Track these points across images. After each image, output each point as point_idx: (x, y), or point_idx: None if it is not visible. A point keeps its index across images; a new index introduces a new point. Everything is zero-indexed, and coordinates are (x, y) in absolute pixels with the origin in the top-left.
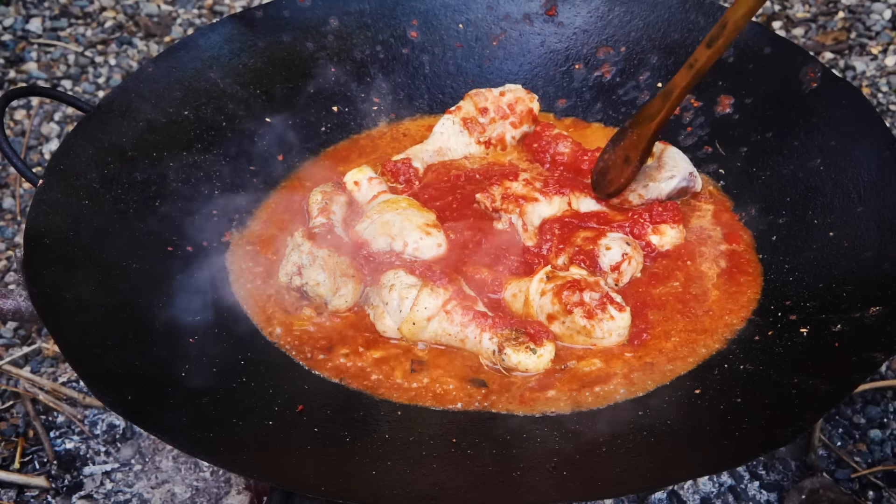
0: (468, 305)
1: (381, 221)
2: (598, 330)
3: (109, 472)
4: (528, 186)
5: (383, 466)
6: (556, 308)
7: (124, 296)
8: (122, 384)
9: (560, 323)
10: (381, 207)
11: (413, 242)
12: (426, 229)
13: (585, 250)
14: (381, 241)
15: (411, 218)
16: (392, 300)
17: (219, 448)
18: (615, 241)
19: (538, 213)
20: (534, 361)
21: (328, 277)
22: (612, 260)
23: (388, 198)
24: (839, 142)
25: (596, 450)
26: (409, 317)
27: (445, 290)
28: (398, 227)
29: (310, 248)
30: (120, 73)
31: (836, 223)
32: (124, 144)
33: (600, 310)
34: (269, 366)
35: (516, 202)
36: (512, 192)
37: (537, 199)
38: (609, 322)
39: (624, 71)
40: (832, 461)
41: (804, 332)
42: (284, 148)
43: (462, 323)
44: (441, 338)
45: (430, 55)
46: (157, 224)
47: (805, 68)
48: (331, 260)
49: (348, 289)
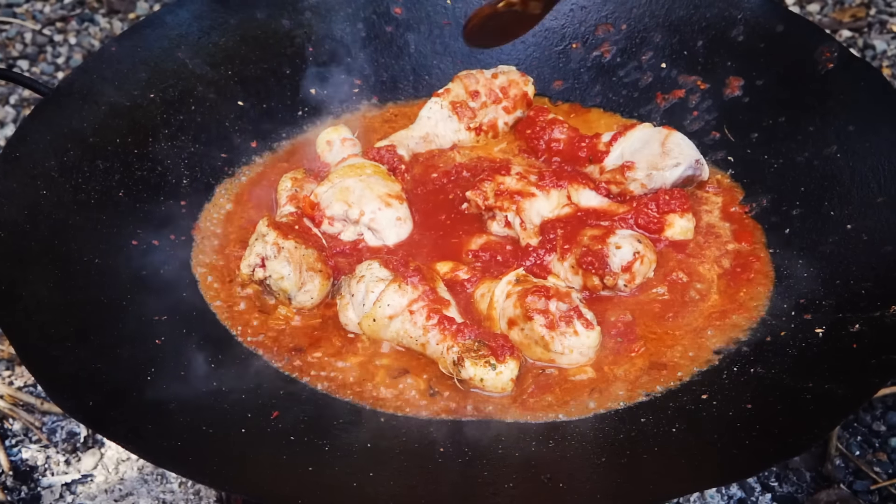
0: (435, 308)
1: (342, 186)
2: (556, 343)
3: (70, 483)
4: (523, 181)
5: (365, 477)
6: (516, 312)
7: (85, 293)
8: (83, 389)
9: (519, 329)
10: (344, 171)
11: (370, 212)
12: (387, 199)
13: (594, 250)
14: (337, 208)
15: (373, 186)
16: (358, 292)
17: (187, 458)
18: (626, 239)
19: (536, 208)
20: (491, 378)
21: (293, 271)
22: (624, 260)
23: (355, 162)
24: (857, 127)
25: (595, 460)
26: (370, 312)
27: (415, 288)
28: (357, 194)
29: (275, 239)
30: (81, 53)
31: (855, 215)
32: (85, 130)
33: (564, 322)
34: (242, 369)
35: (511, 199)
36: (506, 188)
37: (534, 193)
38: (571, 338)
39: (625, 50)
40: (850, 472)
41: (819, 333)
42: (258, 134)
43: (424, 326)
44: (403, 339)
45: (415, 33)
46: (121, 216)
47: (821, 47)
48: (297, 252)
49: (314, 284)
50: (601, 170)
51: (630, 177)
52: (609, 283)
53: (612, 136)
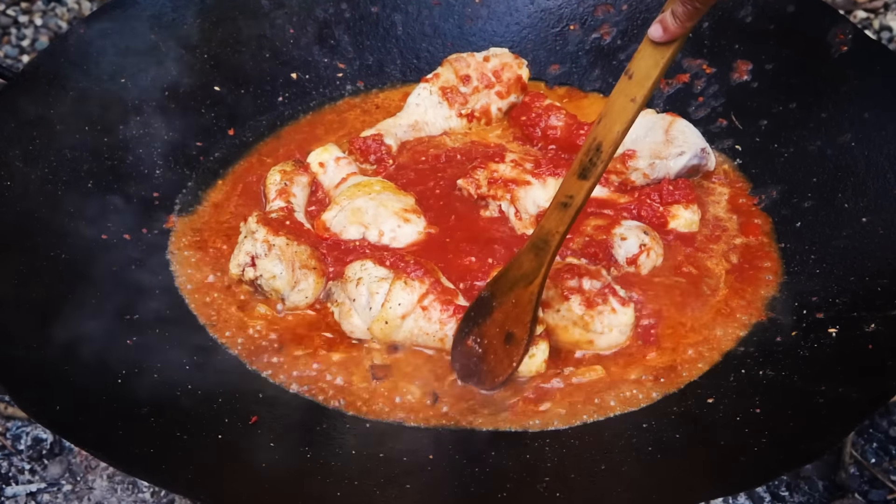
0: (448, 300)
1: (353, 208)
2: (597, 322)
3: (35, 492)
4: (518, 168)
5: (349, 487)
6: (550, 293)
7: (51, 291)
8: (49, 392)
9: (554, 311)
10: (352, 192)
11: (390, 231)
12: (404, 215)
13: (597, 241)
14: (353, 231)
15: (387, 203)
16: (360, 296)
17: (160, 465)
18: (631, 230)
19: (532, 197)
20: (525, 363)
21: (286, 269)
22: (629, 252)
23: (359, 180)
24: (873, 114)
25: (594, 467)
26: (381, 315)
27: (421, 282)
28: (372, 213)
29: (265, 236)
30: (47, 35)
31: (870, 207)
32: (52, 117)
33: (601, 300)
34: (219, 371)
35: (506, 187)
36: (500, 176)
37: (529, 182)
38: (610, 315)
39: (626, 32)
40: (865, 480)
41: (833, 333)
42: (236, 121)
43: (441, 320)
44: (418, 338)
45: (402, 14)
46: (90, 208)
47: (834, 29)
48: (289, 249)
49: (309, 283)
50: None
51: (632, 166)
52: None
53: None
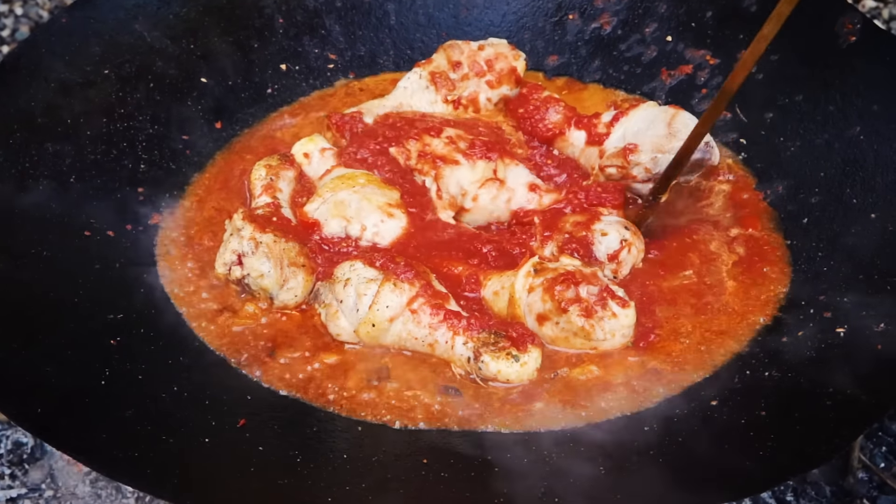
0: (438, 304)
1: (335, 201)
2: (598, 330)
3: (15, 498)
4: (451, 146)
5: (341, 492)
6: (547, 307)
7: (32, 289)
8: (29, 394)
9: (553, 324)
10: (335, 184)
11: (372, 226)
12: (388, 210)
13: (577, 237)
14: (335, 225)
15: (370, 197)
16: (348, 297)
17: (145, 470)
18: (612, 225)
19: (457, 178)
20: (516, 371)
21: (274, 267)
22: (610, 248)
23: (344, 173)
24: (882, 106)
25: (593, 472)
26: (368, 317)
27: (411, 285)
28: (355, 207)
29: (252, 233)
30: (28, 25)
31: (879, 203)
32: (33, 109)
33: (600, 306)
34: (205, 372)
35: (433, 163)
36: (430, 151)
37: (458, 161)
38: (611, 321)
39: (626, 22)
40: (873, 486)
41: (841, 333)
42: (223, 114)
43: (431, 324)
44: (406, 342)
45: (396, 3)
46: (72, 204)
47: (842, 19)
48: (277, 247)
49: (298, 281)
50: (601, 153)
51: (633, 160)
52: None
53: (612, 116)
